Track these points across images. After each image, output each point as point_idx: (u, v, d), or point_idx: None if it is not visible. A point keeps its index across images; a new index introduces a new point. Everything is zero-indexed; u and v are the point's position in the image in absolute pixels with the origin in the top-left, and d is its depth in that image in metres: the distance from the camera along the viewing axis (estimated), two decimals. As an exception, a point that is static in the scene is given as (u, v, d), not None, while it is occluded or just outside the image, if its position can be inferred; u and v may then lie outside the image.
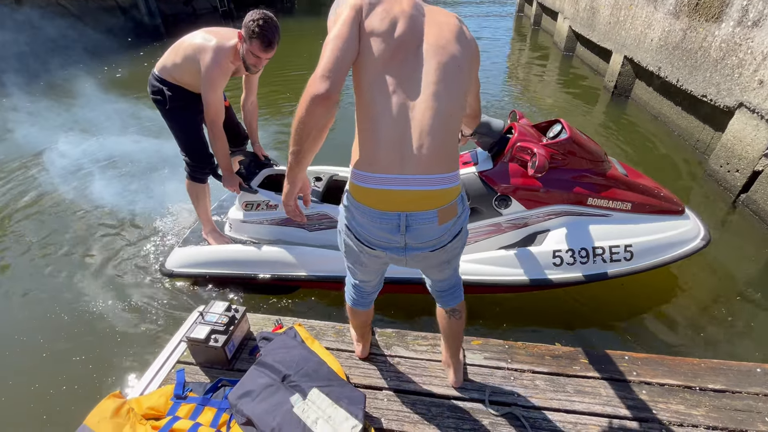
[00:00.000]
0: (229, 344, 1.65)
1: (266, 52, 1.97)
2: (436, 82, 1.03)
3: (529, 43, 8.92)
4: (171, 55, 2.09)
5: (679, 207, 2.16)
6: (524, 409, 1.49)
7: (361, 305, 1.48)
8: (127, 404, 1.38)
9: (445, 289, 1.40)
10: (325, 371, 1.50)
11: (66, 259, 2.73)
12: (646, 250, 2.04)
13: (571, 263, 2.01)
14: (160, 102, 2.15)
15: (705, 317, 2.24)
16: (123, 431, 1.28)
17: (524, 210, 2.06)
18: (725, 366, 1.63)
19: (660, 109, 4.63)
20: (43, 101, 5.64)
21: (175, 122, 2.22)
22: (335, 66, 0.96)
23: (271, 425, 1.29)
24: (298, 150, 1.04)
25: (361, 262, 1.25)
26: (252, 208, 2.34)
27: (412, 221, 1.06)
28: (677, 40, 4.06)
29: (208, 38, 2.00)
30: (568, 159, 2.00)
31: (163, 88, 2.11)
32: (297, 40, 9.50)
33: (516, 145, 1.98)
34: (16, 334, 2.20)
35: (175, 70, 2.08)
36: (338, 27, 1.00)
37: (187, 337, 1.62)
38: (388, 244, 1.12)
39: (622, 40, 5.22)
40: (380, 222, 1.07)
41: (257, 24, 1.88)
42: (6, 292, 2.50)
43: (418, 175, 1.03)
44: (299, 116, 0.98)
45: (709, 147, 3.79)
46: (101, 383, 1.93)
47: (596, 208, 2.07)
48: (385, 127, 1.01)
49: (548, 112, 5.11)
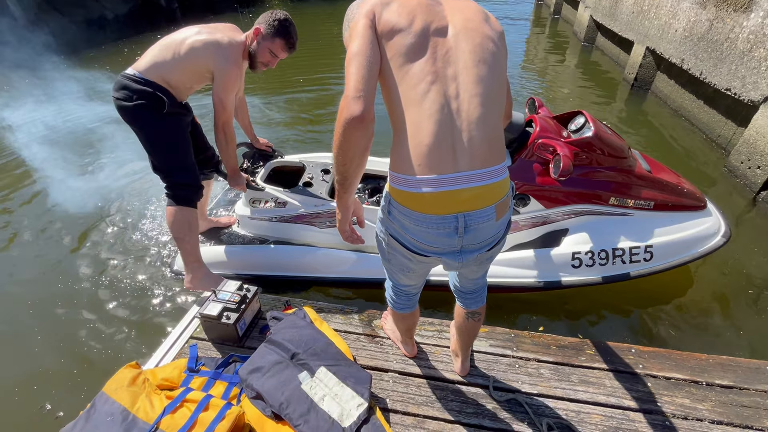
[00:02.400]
0: (241, 322, 1.70)
1: (288, 52, 1.92)
2: (476, 65, 0.95)
3: (547, 33, 8.70)
4: (163, 52, 1.80)
5: (701, 202, 2.10)
6: (528, 396, 1.51)
7: (409, 308, 1.40)
8: (143, 374, 1.44)
9: (471, 291, 1.35)
10: (332, 351, 1.54)
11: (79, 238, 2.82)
12: (667, 249, 1.99)
13: (590, 265, 1.97)
14: (145, 108, 1.78)
15: (717, 313, 2.21)
16: (139, 399, 1.34)
17: (543, 209, 2.00)
18: (734, 362, 1.62)
19: (681, 102, 4.50)
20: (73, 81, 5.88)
21: (169, 132, 1.88)
22: (365, 84, 0.91)
23: (279, 400, 1.33)
24: (344, 178, 0.98)
25: (408, 269, 1.18)
26: (259, 204, 2.26)
27: (471, 221, 0.97)
28: (703, 30, 3.92)
29: (215, 34, 1.81)
30: (591, 157, 1.93)
31: (152, 92, 1.77)
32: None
33: (537, 141, 1.89)
34: (41, 308, 2.30)
35: (170, 70, 1.80)
36: (357, 41, 0.94)
37: (201, 314, 1.68)
38: (443, 249, 1.03)
39: (645, 30, 5.06)
40: (436, 227, 0.98)
41: (285, 23, 1.84)
42: (22, 266, 2.60)
43: (473, 171, 0.94)
44: (338, 144, 0.92)
45: (731, 142, 3.68)
46: (117, 356, 2.00)
47: (618, 207, 2.01)
48: (428, 122, 0.92)
49: (564, 103, 5.01)
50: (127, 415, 1.28)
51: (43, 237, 2.83)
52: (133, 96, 1.77)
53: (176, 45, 1.80)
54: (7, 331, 2.17)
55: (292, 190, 2.20)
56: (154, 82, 1.79)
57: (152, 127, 1.85)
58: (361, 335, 1.77)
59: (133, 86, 1.78)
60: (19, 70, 6.39)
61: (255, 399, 1.38)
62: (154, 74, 1.80)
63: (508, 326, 1.83)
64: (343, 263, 2.18)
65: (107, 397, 1.34)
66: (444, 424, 1.42)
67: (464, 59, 0.95)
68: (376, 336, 1.76)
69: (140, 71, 1.79)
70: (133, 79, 1.78)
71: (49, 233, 2.86)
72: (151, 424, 1.26)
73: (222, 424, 1.24)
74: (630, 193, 2.00)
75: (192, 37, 1.80)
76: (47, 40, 7.74)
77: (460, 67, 0.95)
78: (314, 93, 5.47)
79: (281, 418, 1.33)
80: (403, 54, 0.94)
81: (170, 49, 1.80)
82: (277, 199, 2.20)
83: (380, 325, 1.80)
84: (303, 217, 2.19)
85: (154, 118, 1.82)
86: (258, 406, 1.36)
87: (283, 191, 2.19)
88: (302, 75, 6.03)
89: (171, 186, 1.94)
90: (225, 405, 1.32)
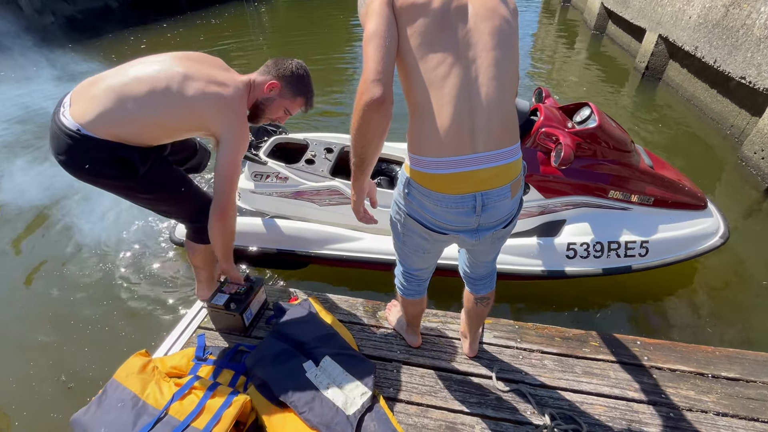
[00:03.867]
0: (247, 312, 1.70)
1: (305, 109, 1.62)
2: (494, 48, 0.94)
3: (557, 20, 8.52)
4: (122, 101, 1.26)
5: (701, 202, 2.10)
6: (531, 386, 1.51)
7: (418, 294, 1.41)
8: (152, 362, 1.46)
9: (481, 277, 1.36)
10: (337, 341, 1.55)
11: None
12: (663, 246, 1.99)
13: (584, 257, 1.98)
14: (119, 173, 1.33)
15: (725, 305, 2.19)
16: (148, 386, 1.36)
17: (542, 198, 2.00)
18: (740, 355, 1.61)
19: (693, 91, 4.40)
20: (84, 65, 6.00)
21: (159, 185, 1.48)
22: (383, 66, 0.89)
23: (285, 387, 1.35)
24: (362, 160, 0.99)
25: (423, 250, 1.19)
26: (262, 178, 2.25)
27: (488, 200, 1.00)
28: (718, 17, 3.81)
29: (213, 79, 1.34)
30: (594, 148, 1.91)
31: (116, 153, 1.30)
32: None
33: (540, 130, 1.88)
34: (50, 298, 2.35)
35: (131, 123, 1.29)
36: (374, 20, 0.91)
37: (208, 304, 1.69)
38: (460, 227, 1.05)
39: (657, 17, 4.93)
40: (455, 207, 1.00)
41: (306, 79, 1.53)
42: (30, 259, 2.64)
43: (490, 152, 0.96)
44: (357, 127, 0.91)
45: (744, 132, 3.60)
46: (128, 345, 2.03)
47: (617, 201, 2.00)
48: (448, 105, 0.92)
49: (573, 92, 4.92)
50: (138, 401, 1.31)
51: (60, 226, 2.88)
52: (93, 161, 1.30)
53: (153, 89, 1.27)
54: (27, 315, 2.22)
55: (294, 166, 2.21)
56: (109, 141, 1.28)
57: (134, 190, 1.43)
58: (366, 325, 1.78)
59: (84, 149, 1.28)
60: (26, 58, 6.44)
61: (261, 386, 1.40)
62: (107, 130, 1.27)
63: (512, 318, 1.83)
64: (340, 241, 2.18)
65: (118, 384, 1.36)
66: (447, 414, 1.44)
67: (483, 42, 0.94)
68: (380, 327, 1.77)
69: (91, 130, 1.26)
70: (86, 139, 1.26)
71: (63, 221, 2.90)
72: (161, 409, 1.28)
73: (228, 411, 1.26)
74: (630, 188, 1.99)
75: (181, 83, 1.29)
76: (53, 29, 7.79)
77: (479, 50, 0.94)
78: (318, 78, 5.44)
79: (287, 406, 1.35)
80: (422, 33, 0.92)
81: (133, 95, 1.26)
82: (279, 173, 2.19)
83: (384, 316, 1.81)
84: (303, 194, 2.20)
85: (131, 182, 1.38)
86: (264, 394, 1.38)
87: (285, 166, 2.19)
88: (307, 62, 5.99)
89: (201, 229, 1.57)
90: (231, 392, 1.34)
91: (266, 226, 2.25)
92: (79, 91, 1.33)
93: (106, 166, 1.32)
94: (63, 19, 8.37)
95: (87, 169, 1.32)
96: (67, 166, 1.34)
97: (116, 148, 1.30)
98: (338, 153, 2.34)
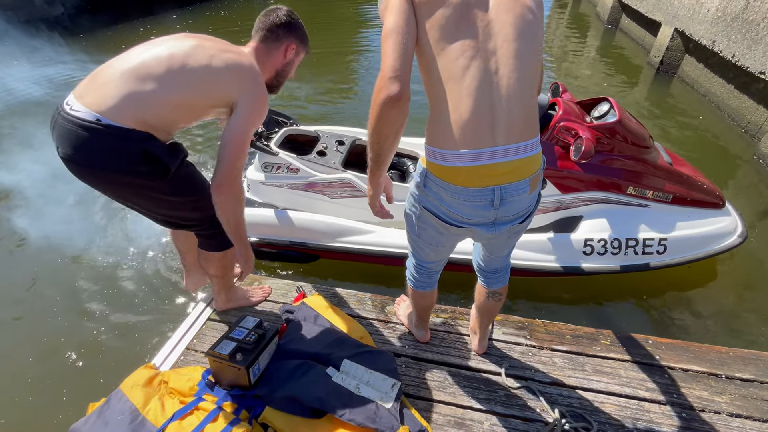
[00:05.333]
0: (254, 366, 1.39)
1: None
2: (516, 39, 0.93)
3: (569, 13, 8.37)
4: (141, 81, 1.15)
5: (719, 201, 2.07)
6: (541, 384, 1.50)
7: (429, 286, 1.40)
8: (159, 376, 1.43)
9: (495, 271, 1.35)
10: (349, 342, 1.54)
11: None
12: (682, 244, 1.97)
13: (601, 253, 1.96)
14: (150, 170, 1.20)
15: (741, 306, 2.15)
16: (152, 401, 1.33)
17: (559, 194, 1.98)
18: (755, 356, 1.58)
19: (709, 87, 4.30)
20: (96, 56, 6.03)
21: (191, 186, 1.36)
22: (401, 62, 0.89)
23: (316, 395, 1.30)
24: (378, 156, 1.00)
25: (438, 243, 1.19)
26: (272, 170, 2.21)
27: (507, 194, 0.99)
28: (738, 10, 3.71)
29: (226, 48, 1.28)
30: (613, 144, 1.89)
31: (144, 145, 1.17)
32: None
33: (559, 124, 1.86)
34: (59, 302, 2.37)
35: (155, 104, 1.17)
36: (392, 16, 0.92)
37: (209, 352, 1.39)
38: (477, 221, 1.04)
39: (674, 10, 4.82)
40: (473, 200, 0.99)
41: (301, 24, 1.43)
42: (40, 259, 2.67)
43: (510, 145, 0.95)
44: (374, 123, 0.92)
45: (762, 129, 3.52)
46: (134, 355, 1.97)
47: (635, 197, 1.98)
48: (468, 98, 0.92)
49: (586, 87, 4.84)
50: (137, 415, 1.28)
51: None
52: (109, 160, 1.16)
53: (171, 66, 1.18)
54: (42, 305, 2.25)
55: (306, 158, 2.19)
56: (139, 132, 1.15)
57: (160, 192, 1.29)
58: (374, 320, 1.78)
59: (102, 141, 1.13)
60: (37, 51, 6.48)
61: (286, 404, 1.32)
62: (137, 119, 1.15)
63: (522, 315, 1.82)
64: (353, 234, 2.15)
65: (122, 395, 1.34)
66: (456, 409, 1.43)
67: (504, 33, 0.92)
68: (389, 321, 1.77)
69: (103, 112, 1.12)
70: (95, 128, 1.12)
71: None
72: (158, 427, 1.25)
73: (226, 439, 1.20)
74: (649, 184, 1.96)
75: (197, 55, 1.21)
76: (62, 19, 7.84)
77: (499, 41, 0.92)
78: (329, 73, 5.41)
79: (317, 416, 1.30)
80: (442, 27, 0.92)
81: (153, 74, 1.16)
82: (290, 165, 2.16)
83: (393, 311, 1.81)
84: (315, 186, 2.18)
85: (160, 181, 1.25)
86: (291, 410, 1.30)
87: (297, 158, 2.16)
88: (317, 56, 5.96)
89: (218, 234, 1.45)
90: (233, 420, 1.28)
91: (278, 218, 2.22)
92: (85, 85, 1.20)
93: (136, 160, 1.16)
94: (72, 9, 8.41)
95: (112, 165, 1.16)
96: (84, 164, 1.17)
97: (144, 139, 1.16)
98: (350, 145, 2.31)
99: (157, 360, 1.62)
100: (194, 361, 1.62)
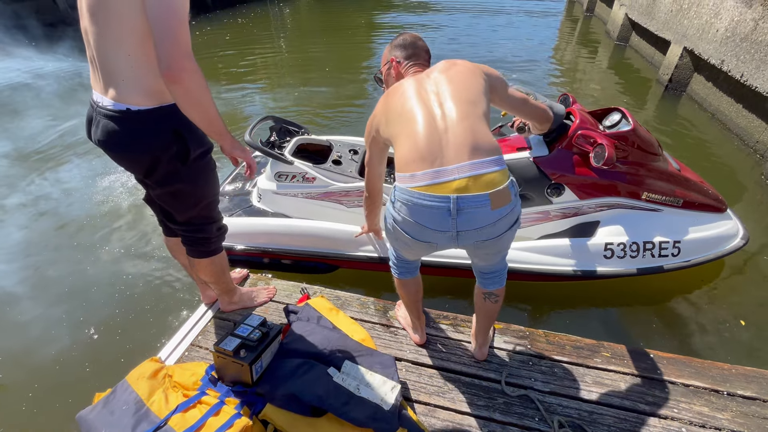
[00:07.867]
0: (257, 364, 1.42)
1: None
2: (450, 82, 1.24)
3: (579, 31, 8.45)
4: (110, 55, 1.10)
5: (722, 205, 2.16)
6: (540, 393, 1.51)
7: (410, 273, 1.49)
8: (164, 370, 1.46)
9: (489, 272, 1.41)
10: (350, 344, 1.55)
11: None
12: (693, 246, 2.04)
13: (621, 257, 2.01)
14: (174, 158, 1.22)
15: (742, 323, 2.14)
16: (156, 393, 1.36)
17: (576, 200, 2.03)
18: (758, 374, 1.57)
19: (718, 106, 4.31)
20: None
21: (202, 175, 1.33)
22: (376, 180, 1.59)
23: (317, 393, 1.31)
24: (368, 192, 1.65)
25: (410, 248, 1.32)
26: (286, 179, 2.18)
27: (464, 204, 1.09)
28: (747, 31, 3.74)
29: None
30: (629, 151, 1.96)
31: (171, 122, 1.18)
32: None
33: (578, 132, 1.91)
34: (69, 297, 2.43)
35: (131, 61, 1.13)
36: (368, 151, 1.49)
37: (214, 347, 1.44)
38: (438, 230, 1.15)
39: (683, 29, 4.85)
40: (431, 206, 1.12)
41: None
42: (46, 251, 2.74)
43: (460, 164, 1.11)
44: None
45: (770, 149, 3.51)
46: (140, 349, 1.98)
47: (649, 202, 2.04)
48: (419, 133, 1.17)
49: (594, 102, 4.87)
50: (141, 406, 1.31)
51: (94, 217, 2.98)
52: (151, 141, 1.16)
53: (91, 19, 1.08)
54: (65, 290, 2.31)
55: (322, 167, 2.17)
56: (167, 110, 1.16)
57: (178, 179, 1.27)
58: (376, 324, 1.79)
59: (136, 128, 1.14)
60: (55, 49, 6.69)
61: (286, 402, 1.34)
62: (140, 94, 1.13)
63: (524, 324, 1.83)
64: (371, 242, 2.13)
65: (127, 386, 1.37)
66: (454, 415, 1.44)
67: (442, 86, 1.24)
68: (390, 326, 1.78)
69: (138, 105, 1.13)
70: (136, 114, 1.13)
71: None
72: (162, 418, 1.27)
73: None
74: (661, 190, 2.04)
75: None
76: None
77: (440, 88, 1.24)
78: (339, 83, 5.51)
79: (317, 415, 1.31)
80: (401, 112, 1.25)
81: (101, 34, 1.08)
82: (306, 174, 2.14)
83: (394, 314, 1.83)
84: (331, 195, 2.16)
85: (181, 168, 1.24)
86: (292, 408, 1.32)
87: (313, 167, 2.14)
88: (329, 65, 6.07)
89: (204, 240, 1.46)
90: (235, 414, 1.30)
91: (297, 228, 2.17)
92: (94, 83, 1.20)
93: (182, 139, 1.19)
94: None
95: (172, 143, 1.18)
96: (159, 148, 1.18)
97: (169, 114, 1.16)
98: (363, 154, 2.32)
99: (163, 354, 1.65)
100: (198, 357, 1.65)
